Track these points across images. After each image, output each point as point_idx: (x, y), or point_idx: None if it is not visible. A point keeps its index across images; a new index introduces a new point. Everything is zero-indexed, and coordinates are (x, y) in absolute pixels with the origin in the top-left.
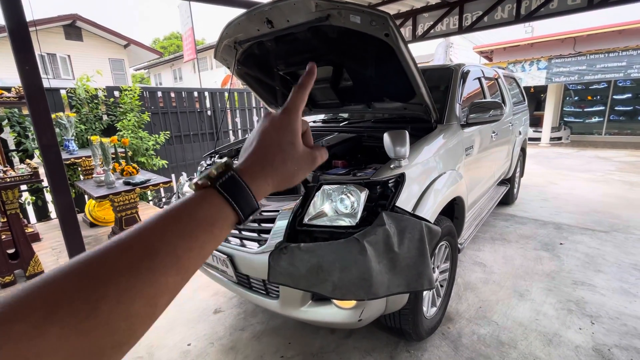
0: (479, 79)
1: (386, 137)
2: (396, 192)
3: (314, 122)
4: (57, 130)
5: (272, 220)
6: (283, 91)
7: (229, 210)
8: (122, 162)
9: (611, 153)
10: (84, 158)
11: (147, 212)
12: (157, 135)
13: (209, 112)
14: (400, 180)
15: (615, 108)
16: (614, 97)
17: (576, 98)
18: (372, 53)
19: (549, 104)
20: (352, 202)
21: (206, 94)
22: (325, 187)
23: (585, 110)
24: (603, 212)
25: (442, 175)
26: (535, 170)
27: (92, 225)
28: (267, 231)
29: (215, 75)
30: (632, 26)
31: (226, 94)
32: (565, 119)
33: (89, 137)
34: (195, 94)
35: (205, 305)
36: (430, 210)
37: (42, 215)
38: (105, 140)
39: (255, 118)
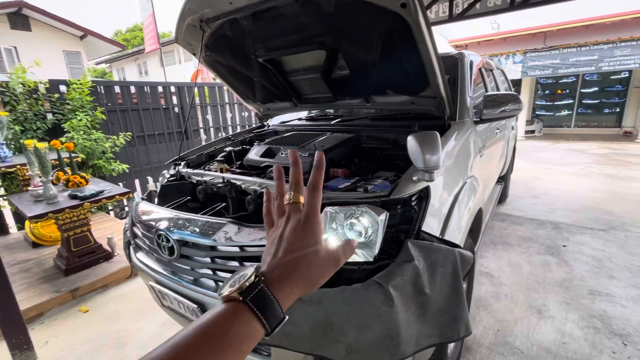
0: (481, 69)
1: (412, 141)
2: (421, 212)
3: (299, 119)
4: None
5: (257, 258)
6: (263, 83)
7: (257, 325)
8: (68, 170)
9: (584, 145)
10: (18, 167)
11: (106, 225)
12: (115, 137)
13: (176, 109)
14: (424, 196)
15: (583, 101)
16: (582, 90)
17: (547, 92)
18: (379, 32)
19: (523, 97)
20: (366, 228)
21: (172, 88)
22: (329, 209)
23: (555, 103)
24: (595, 208)
25: (464, 184)
26: (518, 165)
27: (35, 245)
28: None
29: (185, 70)
30: (598, 21)
31: (195, 89)
32: (537, 113)
33: (28, 142)
34: (160, 88)
35: None
36: (459, 231)
37: None
38: (42, 145)
39: (228, 114)
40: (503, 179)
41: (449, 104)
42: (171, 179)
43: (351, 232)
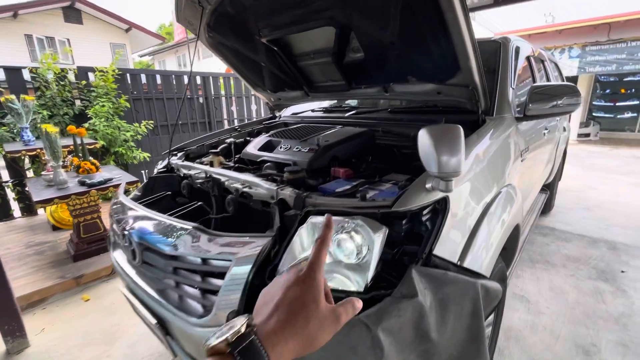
0: (529, 58)
1: (424, 137)
2: (434, 230)
3: (312, 110)
4: (8, 117)
5: (222, 274)
6: (271, 69)
7: None
8: (75, 158)
9: None
10: (38, 150)
11: None
12: (137, 125)
13: (200, 100)
14: (440, 209)
15: None
16: None
17: (607, 91)
18: (399, 5)
19: None
20: (358, 247)
21: (198, 78)
22: (315, 219)
23: (617, 105)
24: None
25: (498, 195)
26: (567, 171)
27: (55, 228)
28: (215, 290)
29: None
30: None
31: (221, 79)
32: (594, 114)
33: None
34: (186, 78)
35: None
36: (488, 250)
37: (3, 214)
38: (53, 129)
39: (253, 107)
40: (549, 187)
41: (485, 95)
42: (161, 170)
43: (341, 250)
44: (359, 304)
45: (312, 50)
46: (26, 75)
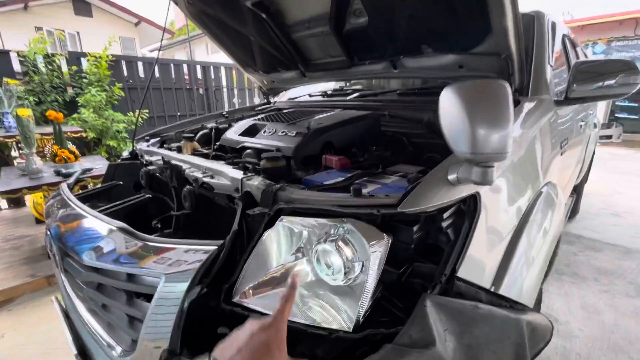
0: (564, 39)
1: (449, 98)
2: (459, 242)
3: (310, 95)
4: None
5: (149, 296)
6: (261, 43)
7: None
8: (55, 146)
9: None
10: (17, 137)
11: None
12: (131, 114)
13: (200, 90)
14: (467, 211)
15: None
16: None
17: None
18: None
19: None
20: (347, 263)
21: (198, 68)
22: (288, 221)
23: None
24: None
25: (540, 194)
26: (591, 174)
27: (39, 221)
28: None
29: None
30: None
31: (222, 70)
32: (616, 115)
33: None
34: (185, 67)
35: None
36: (528, 276)
37: None
38: (25, 112)
39: (256, 100)
40: (575, 190)
41: (521, 68)
42: (126, 157)
43: (323, 267)
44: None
45: (307, 17)
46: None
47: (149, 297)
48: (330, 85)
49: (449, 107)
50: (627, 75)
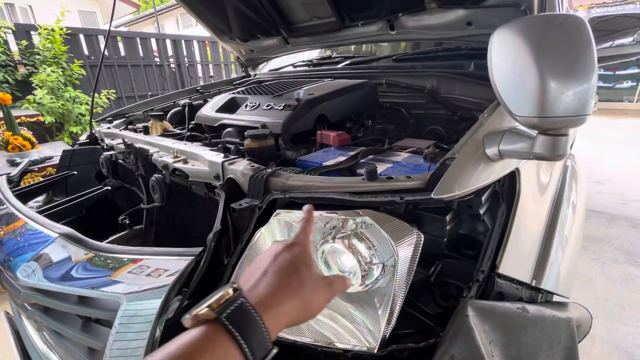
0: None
1: (505, 38)
2: (496, 230)
3: (293, 66)
4: None
5: (107, 322)
6: (236, 5)
7: (236, 353)
8: (7, 132)
9: None
10: None
11: None
12: (96, 96)
13: (172, 67)
14: (504, 192)
15: None
16: None
17: None
18: None
19: None
20: (365, 265)
21: (168, 42)
22: (287, 215)
23: (616, 73)
24: None
25: (567, 167)
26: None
27: None
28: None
29: (204, 32)
30: None
31: (195, 43)
32: None
33: None
34: (153, 42)
35: None
36: (564, 261)
37: None
38: None
39: (234, 75)
40: None
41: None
42: (84, 142)
43: (331, 271)
44: (349, 281)
45: None
46: None
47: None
48: (316, 54)
49: (506, 53)
50: None
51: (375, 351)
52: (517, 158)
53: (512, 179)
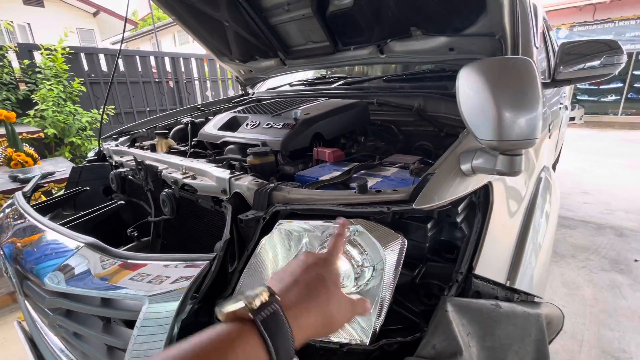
0: (545, 21)
1: (470, 77)
2: (473, 236)
3: (290, 85)
4: None
5: (130, 322)
6: (236, 29)
7: (262, 355)
8: (9, 149)
9: (635, 135)
10: None
11: None
12: (95, 111)
13: (170, 83)
14: (479, 202)
15: (635, 85)
16: (635, 72)
17: None
18: None
19: None
20: (357, 268)
21: (166, 60)
22: (288, 224)
23: (600, 87)
24: None
25: (539, 179)
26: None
27: None
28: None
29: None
30: None
31: (192, 61)
32: (578, 98)
33: None
34: (152, 59)
35: None
36: (537, 264)
37: None
38: None
39: (231, 92)
40: None
41: (514, 49)
42: (92, 158)
43: None
44: (369, 306)
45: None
46: None
47: (129, 322)
48: (311, 74)
49: (469, 89)
50: (611, 55)
51: (367, 344)
52: (486, 173)
53: (486, 191)
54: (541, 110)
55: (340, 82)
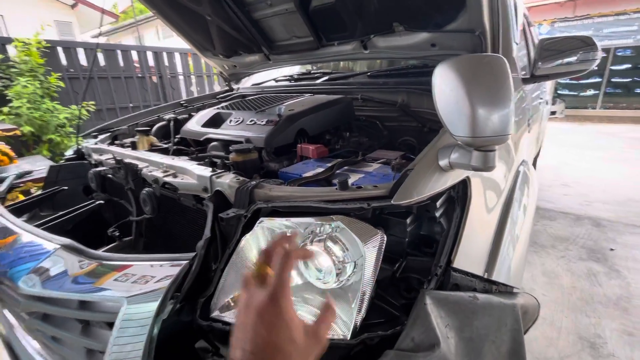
0: (526, 20)
1: (445, 74)
2: (452, 230)
3: (275, 80)
4: None
5: (109, 323)
6: (219, 24)
7: None
8: (2, 146)
9: (613, 128)
10: None
11: None
12: (74, 107)
13: (154, 79)
14: (458, 197)
15: (612, 80)
16: (612, 67)
17: None
18: None
19: None
20: (338, 264)
21: (149, 54)
22: (269, 222)
23: (580, 82)
24: None
25: (517, 173)
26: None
27: None
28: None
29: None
30: None
31: (177, 55)
32: (559, 92)
33: None
34: (134, 54)
35: None
36: (514, 256)
37: None
38: None
39: (217, 87)
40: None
41: (494, 45)
42: (70, 157)
43: (310, 270)
44: (334, 305)
45: None
46: None
47: (111, 324)
48: (296, 69)
49: (444, 86)
50: (587, 52)
51: (349, 339)
52: (463, 169)
53: (464, 185)
54: (513, 107)
55: (325, 78)
